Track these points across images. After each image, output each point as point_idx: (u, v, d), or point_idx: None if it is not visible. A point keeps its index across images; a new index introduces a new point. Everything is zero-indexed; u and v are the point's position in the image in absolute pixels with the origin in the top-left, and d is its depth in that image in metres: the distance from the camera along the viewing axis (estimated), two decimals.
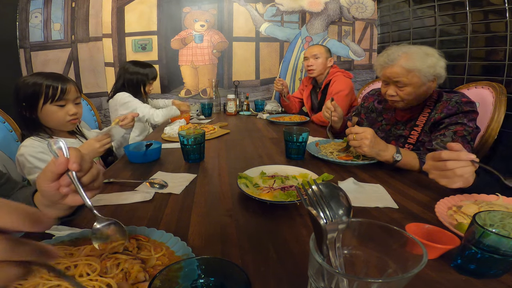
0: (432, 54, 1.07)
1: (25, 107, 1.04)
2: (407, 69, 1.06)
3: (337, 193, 0.38)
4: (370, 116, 1.39)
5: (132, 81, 1.90)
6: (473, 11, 1.79)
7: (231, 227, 0.64)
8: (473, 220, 0.47)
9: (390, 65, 1.10)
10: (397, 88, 1.11)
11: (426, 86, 1.09)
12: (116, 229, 0.50)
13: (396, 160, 0.95)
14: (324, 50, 1.97)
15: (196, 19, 2.62)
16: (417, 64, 1.05)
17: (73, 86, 1.09)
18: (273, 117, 1.99)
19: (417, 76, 1.06)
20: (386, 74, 1.13)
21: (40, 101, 1.02)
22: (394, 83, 1.11)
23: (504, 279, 0.47)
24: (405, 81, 1.08)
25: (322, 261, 0.32)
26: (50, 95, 1.02)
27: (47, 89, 1.02)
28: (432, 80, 1.09)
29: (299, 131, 1.08)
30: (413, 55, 1.06)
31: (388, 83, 1.15)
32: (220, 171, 1.01)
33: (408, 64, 1.06)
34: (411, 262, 0.33)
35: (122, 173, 1.01)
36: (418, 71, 1.05)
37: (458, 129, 1.02)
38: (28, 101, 1.03)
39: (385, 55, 1.14)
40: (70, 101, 1.08)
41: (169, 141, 1.47)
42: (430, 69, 1.05)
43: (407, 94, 1.10)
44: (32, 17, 2.41)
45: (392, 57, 1.10)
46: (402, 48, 1.10)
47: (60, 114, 1.06)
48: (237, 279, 0.34)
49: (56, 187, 0.47)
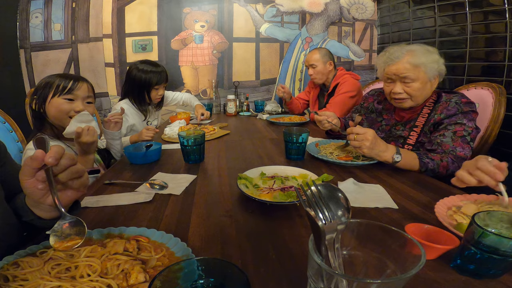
0: (433, 51, 1.10)
1: (36, 99, 1.07)
2: (414, 64, 1.08)
3: (336, 194, 0.38)
4: (370, 117, 1.39)
5: (134, 87, 1.65)
6: (473, 11, 1.79)
7: (231, 228, 0.64)
8: (472, 220, 0.47)
9: (396, 62, 1.11)
10: (404, 85, 1.12)
11: (430, 83, 1.11)
12: (77, 228, 0.49)
13: (395, 161, 0.95)
14: (319, 56, 1.97)
15: (196, 19, 2.62)
16: (423, 60, 1.07)
17: (86, 85, 1.12)
18: (273, 118, 1.99)
19: (423, 72, 1.08)
20: (391, 71, 1.13)
21: (50, 93, 1.05)
22: (401, 80, 1.11)
23: (503, 279, 0.47)
24: (412, 76, 1.09)
25: (321, 262, 0.32)
26: (60, 88, 1.05)
27: (59, 82, 1.06)
28: (436, 77, 1.10)
29: (299, 132, 1.08)
30: (417, 51, 1.09)
31: (393, 81, 1.15)
32: (220, 172, 1.01)
33: (415, 60, 1.07)
34: (410, 263, 0.33)
35: (122, 174, 1.01)
36: (424, 66, 1.07)
37: (457, 129, 1.02)
38: (40, 93, 1.06)
39: (387, 54, 1.14)
40: (80, 98, 1.09)
41: (169, 142, 1.47)
42: (435, 64, 1.07)
43: (415, 90, 1.10)
44: (33, 17, 2.42)
45: (396, 54, 1.11)
46: (405, 47, 1.12)
47: (65, 107, 1.07)
48: (237, 280, 0.35)
49: (34, 183, 0.46)
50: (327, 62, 1.97)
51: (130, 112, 1.67)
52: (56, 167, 0.46)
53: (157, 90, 1.69)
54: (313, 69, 1.99)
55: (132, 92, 1.67)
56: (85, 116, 1.04)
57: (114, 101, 2.62)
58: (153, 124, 1.85)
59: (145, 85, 1.64)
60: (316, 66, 1.97)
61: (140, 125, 1.72)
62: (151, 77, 1.63)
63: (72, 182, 0.50)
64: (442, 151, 1.01)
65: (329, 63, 1.98)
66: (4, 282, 0.43)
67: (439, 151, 1.02)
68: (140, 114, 1.72)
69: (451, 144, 1.01)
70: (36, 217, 0.53)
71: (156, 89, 1.68)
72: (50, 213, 0.53)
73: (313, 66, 1.98)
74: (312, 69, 2.00)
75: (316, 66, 1.97)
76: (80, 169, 0.50)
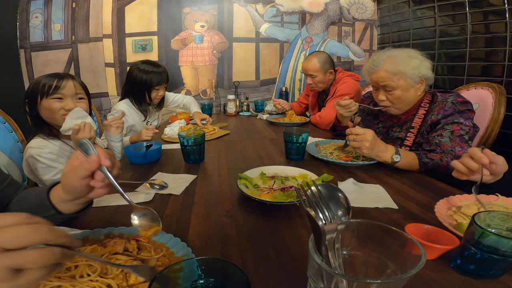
0: (415, 56, 1.08)
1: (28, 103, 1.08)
2: (392, 72, 1.08)
3: (336, 194, 0.38)
4: (366, 119, 1.39)
5: (135, 87, 1.65)
6: (473, 12, 1.79)
7: (231, 228, 0.64)
8: (472, 220, 0.47)
9: (376, 71, 1.13)
10: (386, 93, 1.14)
11: (414, 89, 1.10)
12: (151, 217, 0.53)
13: (395, 161, 0.96)
14: (319, 66, 1.79)
15: (196, 19, 2.62)
16: (400, 67, 1.07)
17: (73, 82, 1.10)
18: (273, 118, 1.99)
19: (403, 79, 1.08)
20: (373, 79, 1.15)
21: (38, 95, 1.06)
22: (383, 88, 1.14)
23: (503, 279, 0.47)
24: (392, 84, 1.10)
25: (321, 261, 0.32)
26: (46, 89, 1.05)
27: (44, 82, 1.06)
28: (420, 82, 1.10)
29: (299, 132, 1.08)
30: (396, 58, 1.09)
31: (377, 88, 1.17)
32: (220, 172, 1.01)
33: (392, 67, 1.08)
34: (410, 263, 0.33)
35: (122, 174, 1.01)
36: (403, 74, 1.07)
37: (455, 128, 1.02)
38: (30, 96, 1.07)
39: (370, 61, 1.16)
40: (68, 97, 1.08)
41: (169, 142, 1.47)
42: (415, 71, 1.07)
43: (396, 98, 1.11)
44: (33, 17, 2.42)
45: (377, 62, 1.12)
46: (386, 52, 1.12)
47: (55, 105, 1.07)
48: (237, 280, 0.35)
49: (87, 183, 0.51)
50: (328, 71, 1.82)
51: (130, 112, 1.66)
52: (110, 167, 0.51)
53: (158, 91, 1.68)
54: (312, 78, 1.84)
55: (132, 92, 1.67)
56: (79, 113, 1.04)
57: (114, 101, 2.62)
58: (153, 124, 1.84)
59: (146, 86, 1.63)
60: (315, 76, 1.82)
61: (140, 125, 1.72)
62: (152, 77, 1.62)
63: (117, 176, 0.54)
64: (441, 151, 1.01)
65: (330, 72, 1.83)
66: None
67: (438, 151, 1.02)
68: (140, 114, 1.72)
69: (450, 144, 1.01)
70: (56, 212, 0.57)
71: (157, 90, 1.67)
72: (81, 206, 0.58)
73: (313, 76, 1.82)
74: (311, 79, 1.84)
75: (316, 77, 1.82)
76: (117, 162, 0.55)
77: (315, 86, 1.89)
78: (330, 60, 1.84)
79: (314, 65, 1.80)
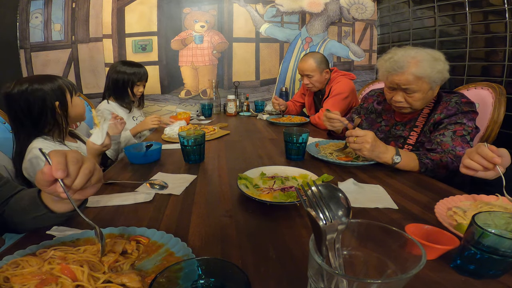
0: (439, 59, 1.05)
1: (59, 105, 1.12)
2: (417, 76, 1.04)
3: (336, 194, 0.38)
4: (370, 117, 1.39)
5: (118, 82, 1.78)
6: (472, 11, 1.79)
7: (231, 228, 0.64)
8: (472, 220, 0.47)
9: (399, 72, 1.06)
10: (405, 95, 1.09)
11: (432, 91, 1.08)
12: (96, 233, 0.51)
13: (395, 162, 0.96)
14: (315, 66, 1.83)
15: (196, 19, 2.62)
16: (428, 71, 1.03)
17: None
18: (273, 118, 1.99)
19: (426, 83, 1.05)
20: (394, 81, 1.09)
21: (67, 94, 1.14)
22: (403, 90, 1.09)
23: (503, 279, 0.47)
24: (415, 88, 1.06)
25: (322, 262, 0.32)
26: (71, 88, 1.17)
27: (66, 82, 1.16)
28: (438, 85, 1.08)
29: (299, 132, 1.08)
30: (423, 61, 1.03)
31: (394, 89, 1.12)
32: (220, 172, 1.01)
33: (419, 71, 1.03)
34: (410, 263, 0.33)
35: (122, 174, 1.01)
36: (428, 78, 1.03)
37: (457, 128, 1.02)
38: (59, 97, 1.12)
39: (391, 61, 1.08)
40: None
41: (169, 142, 1.47)
42: (440, 75, 1.04)
43: (416, 100, 1.08)
44: (33, 17, 2.42)
45: (401, 64, 1.05)
46: (410, 53, 1.06)
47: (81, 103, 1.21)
48: (237, 280, 0.35)
49: (54, 188, 0.49)
50: (324, 71, 1.86)
51: (115, 109, 1.78)
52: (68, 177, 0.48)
53: (138, 87, 1.86)
54: (308, 78, 1.87)
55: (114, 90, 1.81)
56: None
57: None
58: (139, 119, 1.93)
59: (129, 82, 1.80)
60: (312, 76, 1.85)
61: (127, 119, 1.79)
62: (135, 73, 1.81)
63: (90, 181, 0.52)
64: (441, 151, 1.01)
65: (326, 71, 1.87)
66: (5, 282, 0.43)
67: (438, 150, 1.02)
68: (124, 109, 1.84)
69: (451, 144, 1.01)
70: (48, 211, 0.56)
71: (138, 86, 1.85)
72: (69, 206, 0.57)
73: (309, 76, 1.86)
74: (307, 79, 1.88)
75: (313, 76, 1.86)
76: (90, 166, 0.51)
77: (312, 86, 1.92)
78: (325, 60, 1.89)
79: (310, 65, 1.84)
